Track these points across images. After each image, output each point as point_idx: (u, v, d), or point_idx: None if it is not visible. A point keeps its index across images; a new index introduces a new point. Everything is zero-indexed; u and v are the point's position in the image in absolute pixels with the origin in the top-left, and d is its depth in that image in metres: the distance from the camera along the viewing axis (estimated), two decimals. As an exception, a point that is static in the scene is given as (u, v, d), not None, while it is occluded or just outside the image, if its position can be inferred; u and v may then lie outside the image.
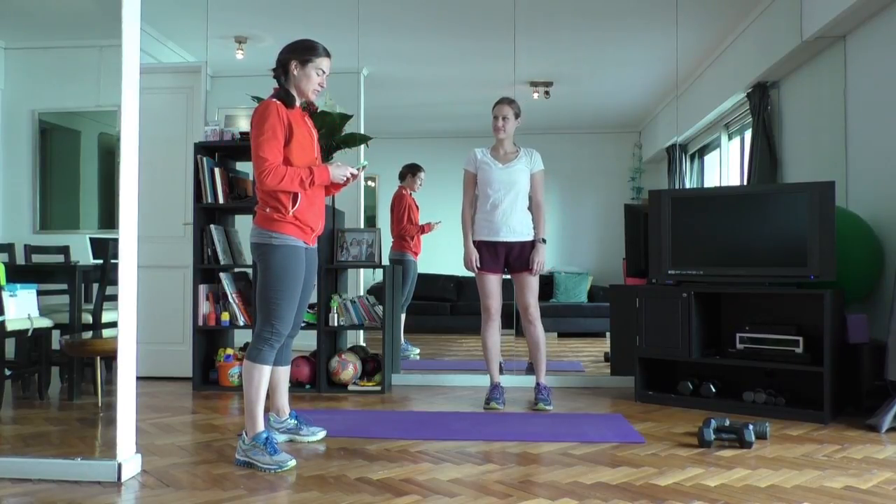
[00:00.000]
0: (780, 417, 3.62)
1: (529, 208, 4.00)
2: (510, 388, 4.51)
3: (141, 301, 2.79)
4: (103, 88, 5.39)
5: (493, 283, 3.97)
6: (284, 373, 3.19)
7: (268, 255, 2.84)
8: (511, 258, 3.96)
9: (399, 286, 5.22)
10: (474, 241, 3.99)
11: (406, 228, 5.45)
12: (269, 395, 3.15)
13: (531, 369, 4.51)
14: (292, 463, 2.75)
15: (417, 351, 5.63)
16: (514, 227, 3.93)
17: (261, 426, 2.83)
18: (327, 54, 2.94)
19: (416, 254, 5.52)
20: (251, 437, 2.80)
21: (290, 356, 3.24)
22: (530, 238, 3.96)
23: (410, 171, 5.53)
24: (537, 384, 3.99)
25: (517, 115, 4.01)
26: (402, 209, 5.48)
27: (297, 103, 2.94)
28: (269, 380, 2.90)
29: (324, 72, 2.93)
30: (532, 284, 3.96)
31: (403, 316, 5.44)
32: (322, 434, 3.21)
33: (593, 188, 6.19)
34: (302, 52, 2.90)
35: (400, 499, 2.39)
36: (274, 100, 2.87)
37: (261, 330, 2.86)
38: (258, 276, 2.90)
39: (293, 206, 2.84)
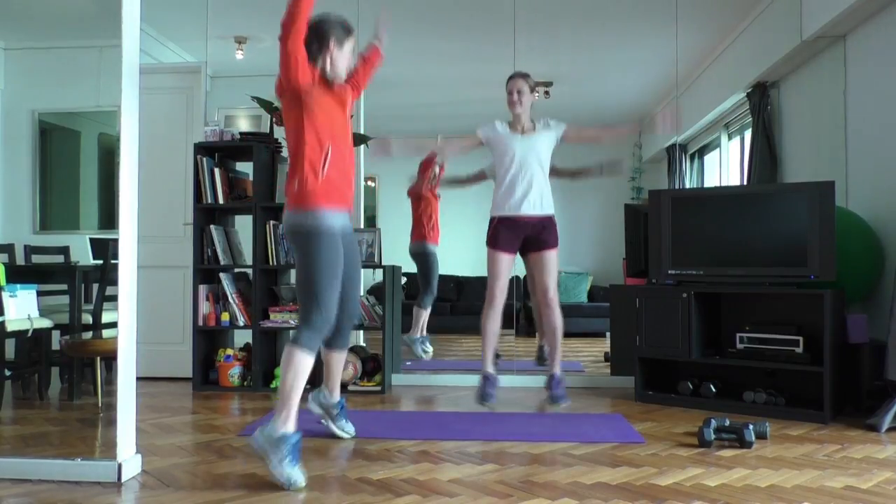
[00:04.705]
0: (780, 417, 3.62)
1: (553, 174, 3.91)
2: (512, 388, 4.52)
3: (141, 301, 2.79)
4: (103, 88, 5.39)
5: (504, 264, 3.80)
6: (340, 357, 3.16)
7: (302, 239, 2.75)
8: (531, 236, 3.81)
9: (424, 282, 5.21)
10: (493, 217, 3.85)
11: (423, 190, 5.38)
12: (325, 375, 3.18)
13: (541, 359, 4.39)
14: (300, 485, 2.52)
15: (431, 350, 5.56)
16: (536, 200, 3.78)
17: (293, 426, 2.63)
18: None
19: (434, 242, 5.43)
20: (282, 431, 2.59)
21: (348, 341, 3.17)
22: (551, 212, 3.83)
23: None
24: (552, 376, 3.85)
25: (532, 89, 3.88)
26: (418, 199, 5.44)
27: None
28: (310, 369, 2.75)
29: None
30: (552, 264, 3.81)
31: (427, 312, 5.36)
32: (351, 434, 3.21)
33: (593, 188, 6.17)
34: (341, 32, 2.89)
35: (400, 499, 2.39)
36: None
37: (307, 316, 2.73)
38: (296, 263, 2.82)
39: (323, 168, 2.76)
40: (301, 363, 2.68)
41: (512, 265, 3.85)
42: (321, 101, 2.81)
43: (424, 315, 5.37)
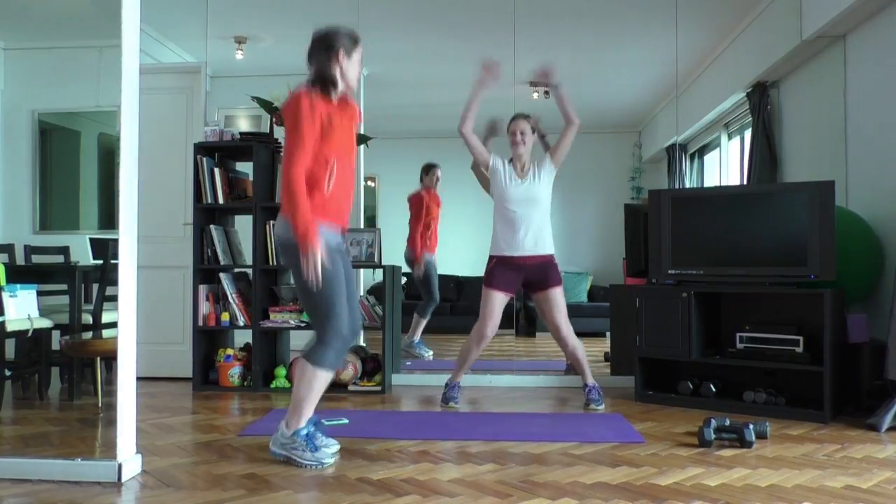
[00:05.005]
0: (781, 417, 3.62)
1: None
2: (512, 388, 4.52)
3: (141, 301, 2.79)
4: (103, 89, 5.39)
5: (498, 305, 3.92)
6: (328, 378, 2.92)
7: (298, 257, 2.70)
8: (532, 278, 3.93)
9: (426, 292, 5.31)
10: (492, 256, 3.97)
11: (413, 228, 5.46)
12: None
13: (571, 370, 4.55)
14: (331, 461, 2.76)
15: (431, 353, 5.60)
16: (535, 241, 3.89)
17: (303, 423, 2.78)
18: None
19: (431, 251, 5.50)
20: (292, 431, 2.77)
21: (342, 362, 3.06)
22: (551, 252, 3.94)
23: (424, 171, 5.56)
24: (586, 385, 3.98)
25: (534, 131, 4.01)
26: (419, 207, 5.49)
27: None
28: (325, 385, 2.81)
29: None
30: (560, 301, 3.92)
31: (425, 320, 5.43)
32: (334, 449, 2.95)
33: (593, 188, 6.19)
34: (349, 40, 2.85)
35: (400, 499, 2.39)
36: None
37: (323, 334, 2.75)
38: (296, 279, 2.77)
39: (328, 185, 2.73)
40: (316, 381, 2.77)
41: (504, 304, 3.96)
42: (333, 124, 2.77)
43: (423, 323, 5.42)
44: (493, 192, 4.02)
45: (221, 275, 4.47)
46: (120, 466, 2.56)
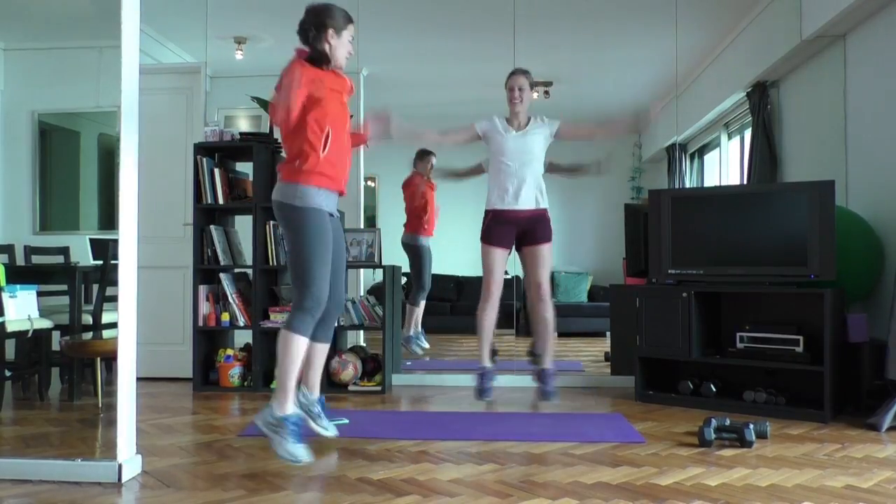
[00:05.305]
0: (781, 417, 3.62)
1: (549, 171, 3.98)
2: (511, 388, 4.52)
3: (141, 302, 2.79)
4: (103, 89, 5.39)
5: (499, 260, 3.84)
6: (322, 350, 3.02)
7: (292, 216, 2.78)
8: (524, 231, 3.85)
9: (415, 277, 5.22)
10: (487, 211, 3.89)
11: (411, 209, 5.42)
12: (303, 370, 3.03)
13: (534, 355, 4.38)
14: (305, 461, 2.71)
15: (427, 346, 5.56)
16: (529, 195, 3.83)
17: (292, 407, 2.78)
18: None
19: (428, 235, 5.45)
20: (281, 414, 2.75)
21: (332, 334, 3.06)
22: (545, 206, 3.87)
23: (418, 157, 5.53)
24: (542, 371, 3.85)
25: (532, 86, 3.96)
26: (412, 190, 5.46)
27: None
28: (304, 353, 2.82)
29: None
30: (547, 258, 3.85)
31: (419, 309, 5.38)
32: (334, 433, 3.10)
33: (593, 188, 6.18)
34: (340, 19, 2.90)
35: (400, 499, 2.39)
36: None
37: (299, 299, 2.79)
38: (286, 240, 2.85)
39: (324, 148, 2.79)
40: (293, 347, 2.77)
41: (506, 260, 3.88)
42: (323, 91, 2.82)
43: (417, 312, 5.39)
44: (489, 150, 3.94)
45: (221, 275, 4.47)
46: (120, 467, 2.56)
